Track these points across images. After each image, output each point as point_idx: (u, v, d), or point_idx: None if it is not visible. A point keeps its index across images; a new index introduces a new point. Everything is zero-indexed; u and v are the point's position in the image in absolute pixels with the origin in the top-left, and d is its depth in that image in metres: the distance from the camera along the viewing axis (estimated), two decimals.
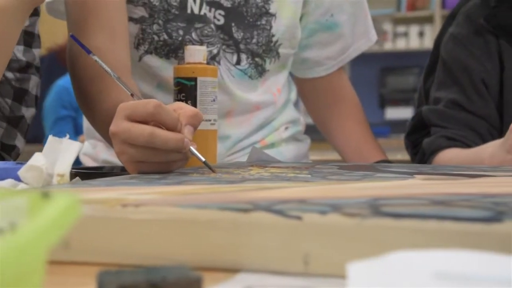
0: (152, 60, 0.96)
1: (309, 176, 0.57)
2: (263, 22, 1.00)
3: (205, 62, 0.87)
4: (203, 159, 0.61)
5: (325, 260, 0.33)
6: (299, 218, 0.33)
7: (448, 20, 1.13)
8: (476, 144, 0.98)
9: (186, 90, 0.86)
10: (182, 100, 0.86)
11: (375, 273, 0.26)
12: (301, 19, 1.07)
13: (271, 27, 1.00)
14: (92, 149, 1.08)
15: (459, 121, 1.03)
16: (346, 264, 0.27)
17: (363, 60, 4.62)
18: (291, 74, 1.16)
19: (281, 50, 1.02)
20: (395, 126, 3.43)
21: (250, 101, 1.01)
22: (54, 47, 3.23)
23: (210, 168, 0.61)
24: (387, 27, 4.40)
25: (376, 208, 0.34)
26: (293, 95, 1.14)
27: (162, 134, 0.58)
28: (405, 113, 4.17)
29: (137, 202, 0.36)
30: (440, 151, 1.02)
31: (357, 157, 1.10)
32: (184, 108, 0.64)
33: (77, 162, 1.14)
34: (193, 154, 0.62)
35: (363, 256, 0.30)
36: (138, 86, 0.96)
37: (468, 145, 1.00)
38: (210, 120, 0.87)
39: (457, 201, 0.37)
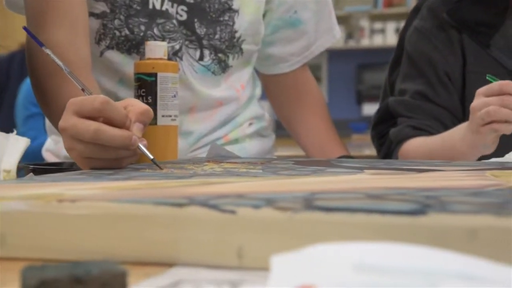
0: (114, 56, 0.96)
1: (261, 171, 0.57)
2: (226, 18, 1.00)
3: (166, 57, 0.87)
4: (151, 157, 0.61)
5: (258, 253, 0.33)
6: (233, 212, 0.34)
7: (412, 14, 1.14)
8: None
9: (146, 85, 0.86)
10: (142, 96, 0.86)
11: (296, 266, 0.27)
12: (264, 15, 1.07)
13: (234, 23, 1.00)
14: (54, 145, 1.07)
15: (424, 111, 1.04)
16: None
17: (340, 57, 4.66)
18: (256, 70, 1.17)
19: (244, 46, 1.03)
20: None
21: (213, 97, 1.01)
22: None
23: (157, 165, 0.61)
24: (364, 23, 4.43)
25: (309, 202, 0.35)
26: (258, 91, 1.15)
27: (108, 130, 0.58)
28: None
29: (73, 198, 0.36)
30: (407, 141, 1.03)
31: (319, 153, 1.11)
32: (134, 105, 0.64)
33: (40, 158, 1.13)
34: (141, 151, 0.62)
35: (295, 249, 0.31)
36: (99, 82, 0.95)
37: (433, 134, 1.01)
38: (170, 116, 0.87)
39: (392, 195, 0.38)
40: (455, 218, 0.31)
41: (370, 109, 4.44)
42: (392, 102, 1.08)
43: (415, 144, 1.02)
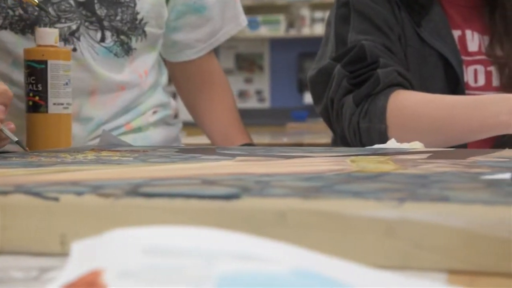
0: (7, 36, 0.93)
1: (131, 159, 0.57)
2: None
3: (57, 44, 0.86)
4: (15, 139, 0.60)
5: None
6: (56, 199, 0.34)
7: None
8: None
9: (36, 73, 0.84)
10: (32, 83, 0.84)
11: (93, 251, 0.27)
12: (168, 0, 1.07)
13: (135, 4, 0.99)
14: None
15: (396, 62, 0.97)
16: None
17: (281, 46, 4.69)
18: (163, 59, 1.16)
19: (147, 29, 1.02)
20: (313, 110, 3.52)
21: (114, 80, 1.00)
22: None
23: (23, 147, 0.60)
24: (305, 12, 4.47)
25: (135, 188, 0.35)
26: (164, 78, 1.14)
27: None
28: None
29: None
30: (397, 89, 0.94)
31: (223, 141, 1.11)
32: None
33: None
34: (5, 134, 0.61)
35: None
36: None
37: (412, 87, 0.95)
38: (63, 104, 0.86)
39: (227, 180, 0.39)
40: (266, 201, 0.32)
41: (311, 97, 4.48)
42: (369, 45, 0.97)
43: (416, 100, 0.92)
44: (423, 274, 0.30)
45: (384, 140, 0.89)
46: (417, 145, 0.81)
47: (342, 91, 0.97)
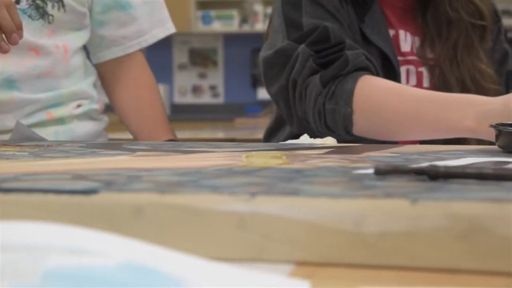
0: None
1: (25, 154, 0.57)
2: None
3: None
4: None
5: None
6: None
7: None
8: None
9: None
10: None
11: None
12: None
13: None
14: None
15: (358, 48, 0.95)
16: None
17: (235, 41, 4.68)
18: (92, 62, 1.16)
19: (66, 0, 1.01)
20: (267, 106, 3.52)
21: (26, 39, 0.97)
22: None
23: None
24: (258, 8, 4.47)
25: None
26: (93, 77, 1.13)
27: None
28: None
29: None
30: (364, 74, 0.92)
31: (148, 139, 1.12)
32: None
33: None
34: None
35: None
36: None
37: (377, 72, 0.94)
38: None
39: (100, 175, 0.39)
40: (123, 196, 0.32)
41: (265, 93, 4.48)
42: (333, 28, 0.94)
43: (385, 89, 0.90)
44: (273, 266, 0.31)
45: (348, 123, 0.89)
46: (328, 140, 0.83)
47: (308, 71, 0.94)
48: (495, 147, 0.60)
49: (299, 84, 0.95)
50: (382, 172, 0.37)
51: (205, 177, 0.38)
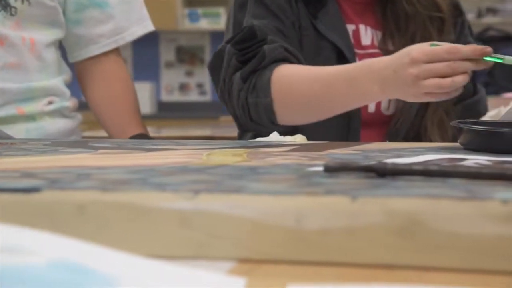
0: None
1: None
2: None
3: None
4: None
5: None
6: None
7: None
8: None
9: None
10: None
11: None
12: None
13: None
14: None
15: (287, 42, 0.97)
16: None
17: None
18: (68, 62, 1.15)
19: None
20: None
21: None
22: None
23: None
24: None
25: None
26: (67, 76, 1.13)
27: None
28: None
29: None
30: (281, 64, 0.95)
31: (120, 136, 1.11)
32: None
33: None
34: None
35: None
36: None
37: (300, 63, 0.96)
38: None
39: (49, 173, 0.39)
40: (66, 194, 0.32)
41: None
42: (259, 25, 0.97)
43: (294, 73, 0.94)
44: (214, 263, 0.31)
45: (270, 114, 0.91)
46: (298, 138, 0.83)
47: (232, 70, 0.97)
48: (457, 144, 0.61)
49: (226, 83, 0.98)
50: (331, 169, 0.38)
51: (155, 175, 0.38)
